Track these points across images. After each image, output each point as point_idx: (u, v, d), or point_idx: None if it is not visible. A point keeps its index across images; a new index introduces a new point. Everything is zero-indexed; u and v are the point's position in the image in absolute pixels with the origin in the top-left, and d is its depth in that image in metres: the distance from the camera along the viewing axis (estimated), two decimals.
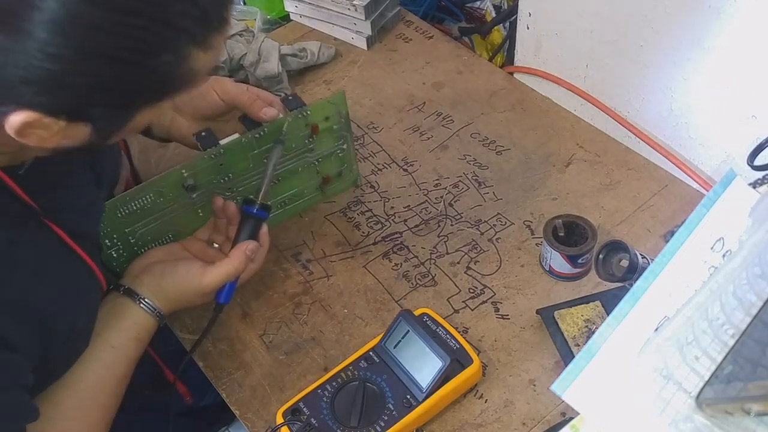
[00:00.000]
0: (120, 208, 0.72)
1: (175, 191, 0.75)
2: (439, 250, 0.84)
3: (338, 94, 0.82)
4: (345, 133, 0.85)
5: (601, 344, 0.51)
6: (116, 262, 0.75)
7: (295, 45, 1.07)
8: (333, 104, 0.81)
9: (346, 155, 0.87)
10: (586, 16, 0.88)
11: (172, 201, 0.76)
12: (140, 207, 0.73)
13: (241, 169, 0.79)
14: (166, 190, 0.74)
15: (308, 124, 0.81)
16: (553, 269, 0.79)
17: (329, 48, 1.09)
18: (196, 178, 0.75)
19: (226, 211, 0.76)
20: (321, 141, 0.83)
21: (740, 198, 0.57)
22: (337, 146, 0.85)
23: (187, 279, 0.71)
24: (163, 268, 0.72)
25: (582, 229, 0.78)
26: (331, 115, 0.82)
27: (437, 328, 0.72)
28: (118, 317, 0.69)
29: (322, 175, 0.87)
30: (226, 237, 0.77)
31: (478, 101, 1.02)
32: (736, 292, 0.50)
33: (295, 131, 0.80)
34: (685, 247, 0.54)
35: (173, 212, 0.77)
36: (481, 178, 0.92)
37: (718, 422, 0.46)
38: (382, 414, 0.67)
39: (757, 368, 0.45)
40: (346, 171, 0.89)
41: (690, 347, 0.49)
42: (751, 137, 0.75)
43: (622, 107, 0.92)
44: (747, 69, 0.74)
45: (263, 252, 0.77)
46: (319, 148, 0.84)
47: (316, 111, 0.80)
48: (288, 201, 0.86)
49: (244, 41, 1.04)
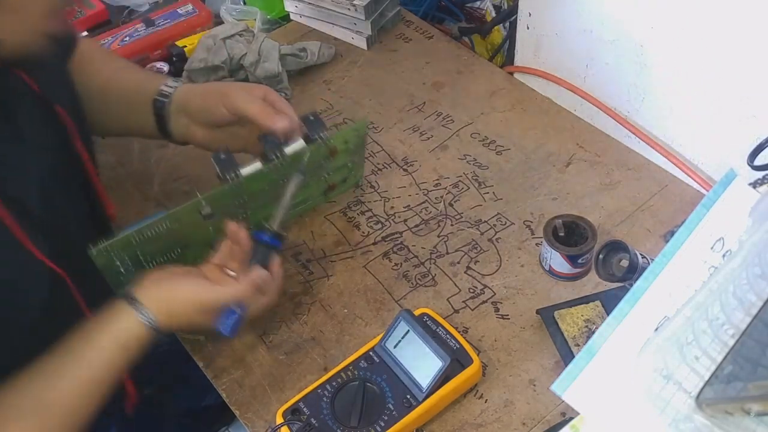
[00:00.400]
0: (135, 238, 0.71)
1: (192, 218, 0.73)
2: (439, 250, 0.84)
3: (362, 122, 0.82)
4: (360, 149, 0.85)
5: (601, 344, 0.51)
6: (123, 277, 0.73)
7: (295, 45, 1.07)
8: (355, 131, 0.81)
9: (355, 167, 0.88)
10: (586, 16, 0.88)
11: (187, 227, 0.74)
12: (155, 234, 0.72)
13: (255, 190, 0.77)
14: (183, 218, 0.73)
15: (329, 149, 0.79)
16: (553, 269, 0.79)
17: (329, 48, 1.09)
18: (213, 206, 0.73)
19: (238, 238, 0.72)
20: (336, 160, 0.83)
21: (740, 198, 0.57)
22: (349, 160, 0.86)
23: (190, 292, 0.69)
24: (170, 279, 0.70)
25: (582, 229, 0.78)
26: (351, 139, 0.82)
27: (437, 328, 0.72)
28: (110, 320, 0.66)
29: (329, 183, 0.87)
30: (240, 263, 0.73)
31: (478, 101, 1.02)
32: (736, 292, 0.50)
33: (315, 157, 0.78)
34: (685, 247, 0.54)
35: (185, 231, 0.75)
36: (481, 178, 0.92)
37: (718, 422, 0.46)
38: (382, 414, 0.67)
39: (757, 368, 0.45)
40: (350, 177, 0.89)
41: (690, 347, 0.49)
42: (751, 137, 0.75)
43: (622, 107, 0.92)
44: (747, 69, 0.74)
45: (275, 285, 0.73)
46: (332, 165, 0.84)
47: (338, 138, 0.79)
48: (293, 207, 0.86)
49: (244, 41, 1.04)
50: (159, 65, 1.13)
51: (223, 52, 1.02)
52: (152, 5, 1.27)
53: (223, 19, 1.20)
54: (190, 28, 1.18)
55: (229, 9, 1.21)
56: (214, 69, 1.03)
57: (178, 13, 1.19)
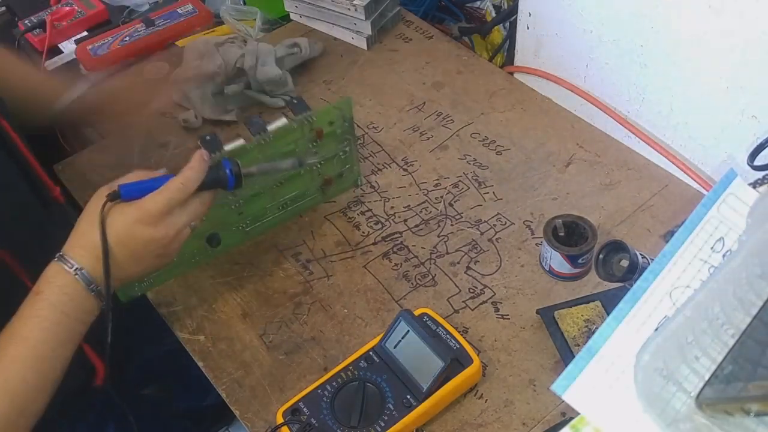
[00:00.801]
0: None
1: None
2: (439, 250, 0.84)
3: (345, 100, 0.82)
4: (348, 136, 0.85)
5: (601, 344, 0.51)
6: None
7: (285, 42, 1.06)
8: (338, 109, 0.81)
9: (348, 157, 0.87)
10: (586, 16, 0.88)
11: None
12: None
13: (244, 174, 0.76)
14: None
15: (313, 129, 0.80)
16: (553, 269, 0.79)
17: (315, 43, 1.10)
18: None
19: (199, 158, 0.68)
20: (324, 145, 0.83)
21: (740, 198, 0.57)
22: (340, 149, 0.85)
23: (122, 214, 0.63)
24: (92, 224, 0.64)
25: (582, 229, 0.78)
26: (336, 119, 0.82)
27: (437, 328, 0.72)
28: (41, 286, 0.62)
29: (323, 176, 0.87)
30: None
31: (478, 101, 1.02)
32: (736, 292, 0.50)
33: (299, 137, 0.80)
34: (685, 247, 0.54)
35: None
36: (481, 178, 0.92)
37: (718, 422, 0.46)
38: (382, 414, 0.67)
39: (757, 368, 0.45)
40: (347, 172, 0.89)
41: (690, 347, 0.49)
42: (751, 137, 0.75)
43: (622, 107, 0.92)
44: (747, 69, 0.74)
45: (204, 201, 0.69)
46: (322, 152, 0.84)
47: (321, 116, 0.80)
48: (289, 203, 0.86)
49: (236, 46, 1.02)
50: (159, 65, 1.13)
51: (217, 57, 1.00)
52: (152, 5, 1.27)
53: (223, 19, 1.20)
54: (190, 28, 1.18)
55: (229, 9, 1.21)
56: (209, 75, 1.00)
57: (178, 13, 1.19)
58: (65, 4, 1.25)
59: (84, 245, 0.64)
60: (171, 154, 0.97)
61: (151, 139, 1.00)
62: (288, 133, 0.78)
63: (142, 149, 0.99)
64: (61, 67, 1.19)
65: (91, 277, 0.63)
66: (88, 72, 1.13)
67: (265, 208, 0.84)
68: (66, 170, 0.98)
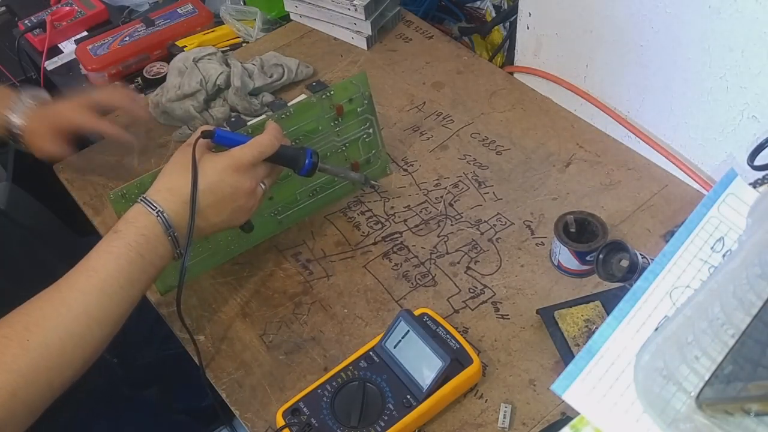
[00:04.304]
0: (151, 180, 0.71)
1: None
2: (439, 250, 0.84)
3: (360, 74, 0.84)
4: (370, 116, 0.87)
5: (601, 344, 0.51)
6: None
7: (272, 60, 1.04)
8: (355, 84, 0.84)
9: (372, 140, 0.89)
10: (586, 16, 0.88)
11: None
12: None
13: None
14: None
15: (333, 105, 0.83)
16: (562, 264, 0.79)
17: (307, 67, 1.06)
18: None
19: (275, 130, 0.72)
20: (346, 125, 0.86)
21: (740, 198, 0.57)
22: (363, 130, 0.87)
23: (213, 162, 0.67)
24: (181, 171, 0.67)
25: (593, 227, 0.78)
26: (355, 96, 0.84)
27: (437, 328, 0.72)
28: (120, 225, 0.63)
29: (350, 161, 0.88)
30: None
31: (478, 101, 1.02)
32: (736, 292, 0.50)
33: (320, 112, 0.83)
34: (685, 247, 0.54)
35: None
36: (481, 178, 0.92)
37: (718, 422, 0.46)
38: (382, 414, 0.67)
39: (757, 368, 0.45)
40: (374, 157, 0.90)
41: (690, 347, 0.49)
42: (751, 137, 0.75)
43: (622, 107, 0.92)
44: (747, 69, 0.74)
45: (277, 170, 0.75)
46: (345, 132, 0.86)
47: (339, 91, 0.83)
48: (319, 189, 0.87)
49: (216, 62, 1.01)
50: (159, 65, 1.13)
51: (196, 73, 0.99)
52: (152, 5, 1.28)
53: (223, 20, 1.20)
54: (190, 28, 1.18)
55: (229, 9, 1.21)
56: (191, 95, 0.98)
57: (178, 13, 1.19)
58: (65, 4, 1.26)
59: (171, 188, 0.66)
60: (171, 154, 0.97)
61: (151, 139, 1.00)
62: (308, 108, 0.81)
63: (143, 149, 0.99)
64: (61, 67, 1.19)
65: (172, 222, 0.65)
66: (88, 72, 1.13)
67: (296, 194, 0.86)
68: (66, 170, 0.98)
